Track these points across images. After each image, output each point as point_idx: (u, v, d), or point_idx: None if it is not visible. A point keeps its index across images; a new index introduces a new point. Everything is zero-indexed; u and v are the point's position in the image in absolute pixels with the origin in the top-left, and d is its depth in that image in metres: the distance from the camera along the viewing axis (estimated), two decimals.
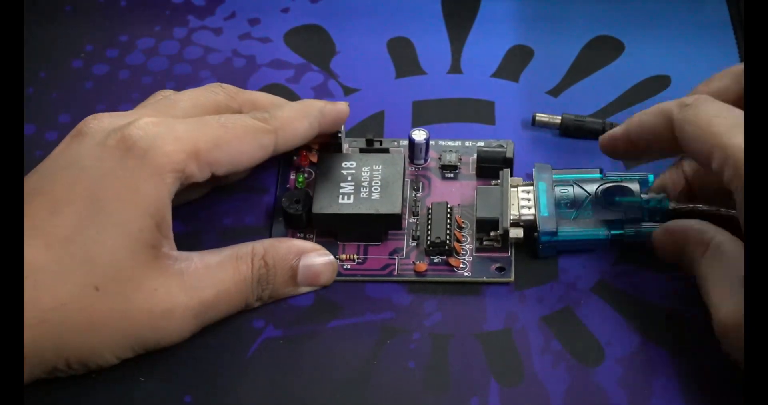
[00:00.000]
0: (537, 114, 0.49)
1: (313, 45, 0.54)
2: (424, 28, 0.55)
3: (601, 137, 0.45)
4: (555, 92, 0.51)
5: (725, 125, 0.38)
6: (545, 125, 0.50)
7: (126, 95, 0.52)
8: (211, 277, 0.41)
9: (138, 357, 0.41)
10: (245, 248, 0.42)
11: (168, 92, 0.46)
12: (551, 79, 0.52)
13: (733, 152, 0.37)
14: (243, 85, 0.52)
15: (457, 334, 0.43)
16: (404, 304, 0.44)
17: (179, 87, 0.52)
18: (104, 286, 0.38)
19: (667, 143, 0.41)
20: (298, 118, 0.44)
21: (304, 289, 0.44)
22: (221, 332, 0.43)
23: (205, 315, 0.41)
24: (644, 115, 0.42)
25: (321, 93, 0.52)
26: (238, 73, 0.53)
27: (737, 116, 0.38)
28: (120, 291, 0.39)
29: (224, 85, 0.46)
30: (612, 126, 0.49)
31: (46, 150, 0.49)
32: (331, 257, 0.44)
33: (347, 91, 0.52)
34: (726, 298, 0.38)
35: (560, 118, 0.49)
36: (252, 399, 0.41)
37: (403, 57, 0.53)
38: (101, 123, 0.41)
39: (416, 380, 0.41)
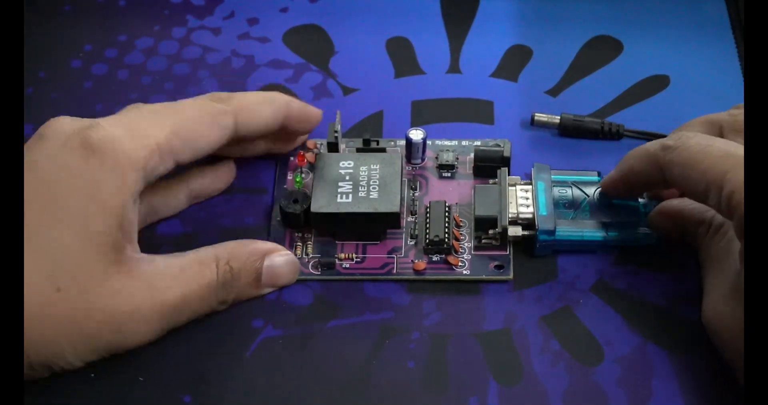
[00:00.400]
0: (536, 114, 0.49)
1: (312, 45, 0.54)
2: (423, 27, 0.55)
3: (601, 182, 0.45)
4: (554, 92, 0.51)
5: (713, 157, 0.38)
6: (544, 125, 0.50)
7: (125, 95, 0.52)
8: (176, 280, 0.41)
9: (137, 356, 0.41)
10: (206, 253, 0.42)
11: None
12: (550, 78, 0.52)
13: (729, 186, 0.37)
14: (242, 85, 0.52)
15: (456, 334, 0.43)
16: (403, 304, 0.44)
17: (178, 87, 0.52)
18: (66, 287, 0.38)
19: (662, 184, 0.41)
20: (261, 102, 0.44)
21: (267, 290, 0.44)
22: (220, 332, 0.43)
23: (170, 317, 0.41)
24: (634, 161, 0.42)
25: (320, 93, 0.52)
26: (237, 73, 0.53)
27: (720, 147, 0.38)
28: (81, 292, 0.38)
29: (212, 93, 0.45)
30: (611, 126, 0.49)
31: None
32: (292, 255, 0.44)
33: (346, 91, 0.52)
34: (712, 289, 0.39)
35: (559, 117, 0.49)
36: (251, 399, 0.41)
37: (402, 57, 0.53)
38: (62, 126, 0.40)
39: (415, 380, 0.41)
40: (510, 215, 0.44)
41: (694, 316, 0.43)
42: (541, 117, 0.49)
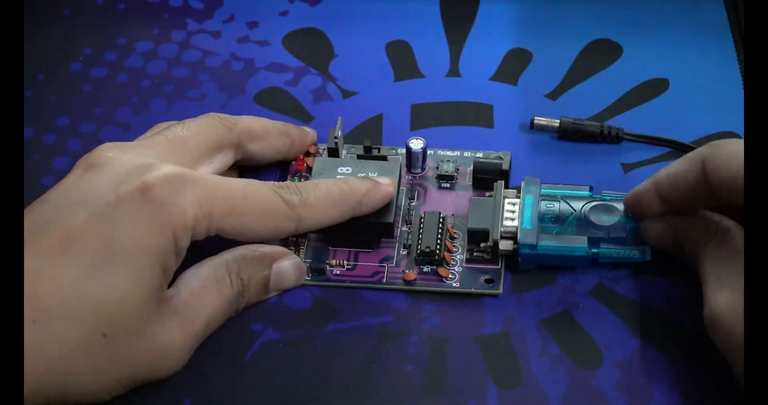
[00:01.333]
0: (535, 117, 0.49)
1: (312, 48, 0.54)
2: (423, 31, 0.55)
3: (625, 197, 0.43)
4: (553, 95, 0.51)
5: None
6: (543, 129, 0.50)
7: (124, 98, 0.52)
8: (200, 306, 0.41)
9: None
10: (220, 267, 0.42)
11: (167, 124, 0.45)
12: (550, 82, 0.52)
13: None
14: (242, 88, 0.52)
15: (455, 338, 0.43)
16: (403, 308, 0.44)
17: (178, 90, 0.52)
18: (112, 333, 0.38)
19: (699, 188, 0.40)
20: (330, 207, 0.42)
21: (274, 293, 0.44)
22: (220, 335, 0.43)
23: (197, 344, 0.41)
24: (674, 165, 0.41)
25: (319, 96, 0.52)
26: (237, 77, 0.53)
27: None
28: (125, 337, 0.38)
29: (221, 115, 0.45)
30: (610, 129, 0.49)
31: (44, 153, 0.49)
32: (299, 260, 0.44)
33: (345, 95, 0.52)
34: (723, 288, 0.38)
35: (558, 121, 0.49)
36: (251, 402, 0.41)
37: (402, 60, 0.53)
38: (117, 156, 0.40)
39: (415, 383, 0.41)
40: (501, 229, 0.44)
41: (693, 320, 0.43)
42: (540, 120, 0.49)
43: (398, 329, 0.43)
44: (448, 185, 0.48)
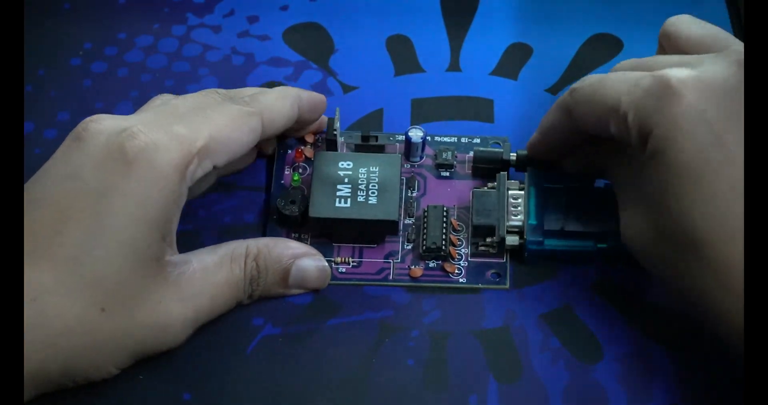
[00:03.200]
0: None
1: (312, 43, 0.54)
2: (423, 25, 0.55)
3: (526, 144, 0.46)
4: (554, 90, 0.51)
5: (608, 86, 0.39)
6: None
7: (125, 93, 0.52)
8: (207, 281, 0.41)
9: None
10: (240, 249, 0.42)
11: (168, 97, 0.45)
12: (550, 76, 0.52)
13: (623, 107, 0.38)
14: (242, 83, 0.52)
15: (455, 332, 0.43)
16: (403, 302, 0.44)
17: (178, 84, 0.52)
18: (110, 307, 0.38)
19: (574, 133, 0.42)
20: (279, 99, 0.45)
21: (295, 291, 0.44)
22: (220, 330, 0.43)
23: (201, 320, 0.41)
24: (548, 114, 0.44)
25: (320, 90, 0.51)
26: (237, 71, 0.52)
27: (616, 76, 0.40)
28: (124, 310, 0.39)
29: (219, 90, 0.45)
30: None
31: (45, 148, 0.49)
32: (325, 263, 0.44)
33: (346, 89, 0.52)
34: (625, 209, 0.41)
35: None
36: (251, 396, 0.41)
37: (402, 55, 0.53)
38: (100, 126, 0.40)
39: (415, 378, 0.41)
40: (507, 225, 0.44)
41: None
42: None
43: (399, 324, 0.43)
44: (447, 174, 0.48)
